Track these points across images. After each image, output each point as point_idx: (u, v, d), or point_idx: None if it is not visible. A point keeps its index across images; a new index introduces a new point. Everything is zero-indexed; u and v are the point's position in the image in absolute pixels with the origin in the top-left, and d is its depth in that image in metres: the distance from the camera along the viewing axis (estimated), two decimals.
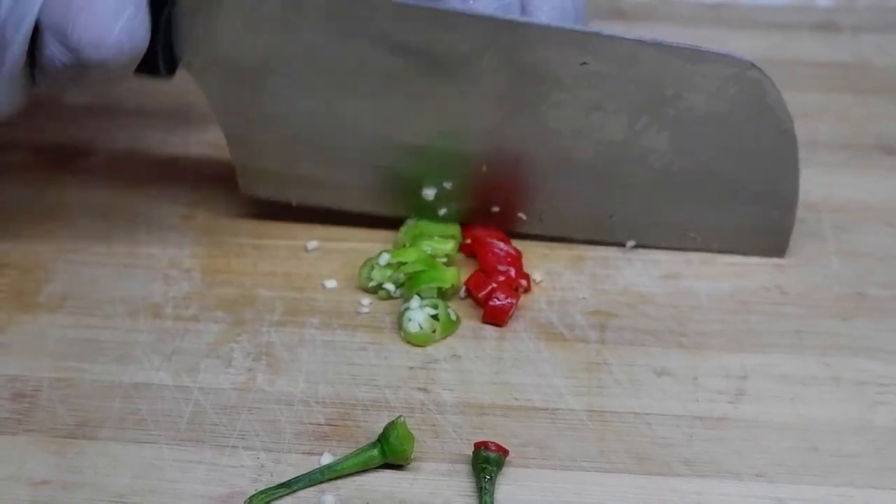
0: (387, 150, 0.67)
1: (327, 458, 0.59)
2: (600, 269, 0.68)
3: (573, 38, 0.64)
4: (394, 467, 0.59)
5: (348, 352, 0.64)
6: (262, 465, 0.59)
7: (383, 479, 0.59)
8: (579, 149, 0.66)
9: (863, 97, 0.79)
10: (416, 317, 0.64)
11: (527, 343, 0.65)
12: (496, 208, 0.69)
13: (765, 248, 0.69)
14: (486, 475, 0.58)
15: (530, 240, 0.69)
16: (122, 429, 0.61)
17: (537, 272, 0.68)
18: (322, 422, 0.61)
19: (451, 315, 0.65)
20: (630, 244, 0.69)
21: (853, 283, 0.68)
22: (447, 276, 0.66)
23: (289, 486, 0.58)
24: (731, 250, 0.69)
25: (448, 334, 0.65)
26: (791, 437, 0.60)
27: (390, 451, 0.58)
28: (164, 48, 0.63)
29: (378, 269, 0.67)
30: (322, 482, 0.58)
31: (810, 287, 0.67)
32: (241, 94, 0.66)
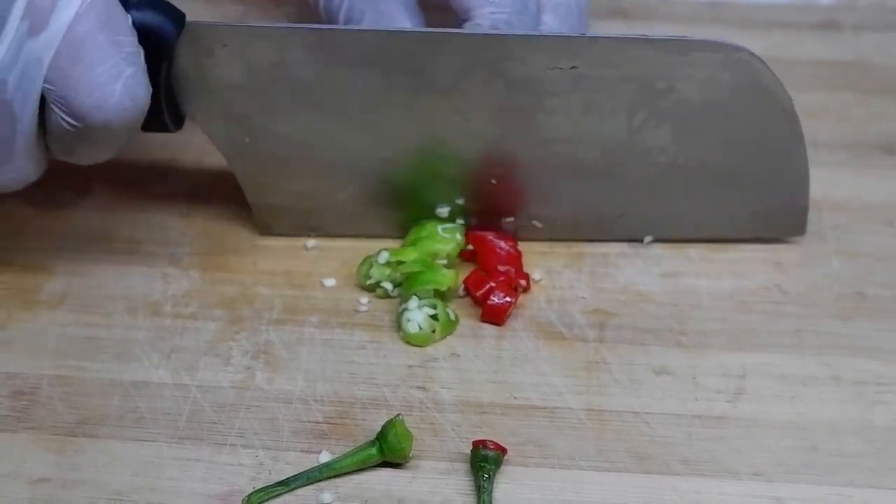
0: (393, 172, 0.67)
1: (326, 457, 0.59)
2: (600, 268, 0.68)
3: (558, 45, 0.64)
4: (392, 466, 0.59)
5: (347, 350, 0.64)
6: (260, 464, 0.59)
7: (382, 478, 0.59)
8: (582, 152, 0.66)
9: (863, 97, 0.79)
10: (415, 317, 0.64)
11: (526, 342, 0.65)
12: (510, 219, 0.68)
13: (783, 229, 0.69)
14: (484, 474, 0.58)
15: (529, 238, 0.69)
16: (122, 427, 0.61)
17: (536, 271, 0.68)
18: (320, 420, 0.61)
19: (451, 315, 0.65)
20: (647, 240, 0.69)
21: (853, 283, 0.68)
22: (444, 278, 0.66)
23: (287, 485, 0.58)
24: (749, 237, 0.69)
25: (447, 334, 0.65)
26: (790, 437, 0.60)
27: (389, 450, 0.58)
28: (168, 104, 0.64)
29: (377, 267, 0.67)
30: (320, 480, 0.58)
31: (810, 287, 0.67)
32: (244, 136, 0.66)
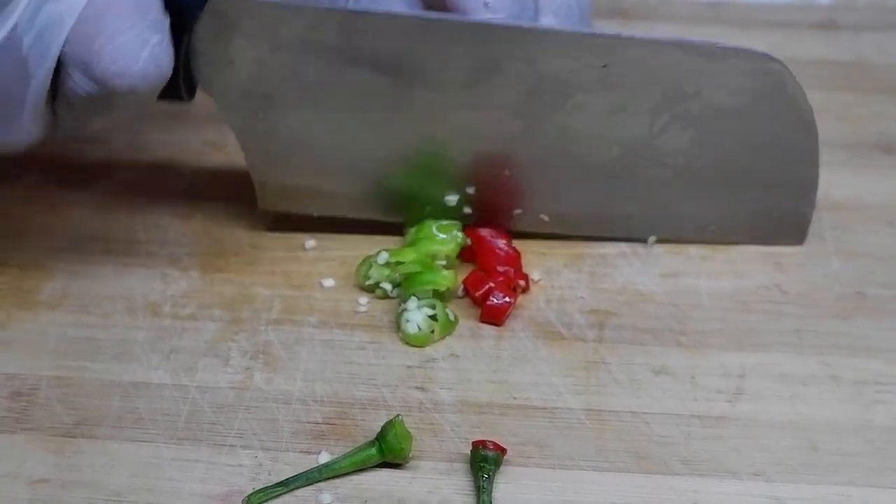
0: (407, 160, 0.67)
1: (325, 457, 0.59)
2: (599, 268, 0.68)
3: (592, 43, 0.64)
4: (392, 466, 0.59)
5: (346, 350, 0.64)
6: (259, 464, 0.59)
7: (381, 478, 0.59)
8: (601, 150, 0.66)
9: (863, 96, 0.79)
10: (415, 318, 0.64)
11: (525, 342, 0.65)
12: (519, 210, 0.68)
13: (785, 235, 0.69)
14: (484, 474, 0.58)
15: (529, 238, 0.69)
16: (121, 427, 0.61)
17: (535, 271, 0.68)
18: (320, 420, 0.61)
19: (450, 315, 0.65)
20: (651, 240, 0.69)
21: (853, 283, 0.68)
22: (443, 279, 0.66)
23: (286, 485, 0.58)
24: (751, 241, 0.69)
25: (446, 334, 0.65)
26: (790, 436, 0.60)
27: (388, 450, 0.58)
28: (184, 73, 0.64)
29: (376, 267, 0.66)
30: (320, 481, 0.58)
31: (810, 286, 0.67)
32: (259, 114, 0.66)
